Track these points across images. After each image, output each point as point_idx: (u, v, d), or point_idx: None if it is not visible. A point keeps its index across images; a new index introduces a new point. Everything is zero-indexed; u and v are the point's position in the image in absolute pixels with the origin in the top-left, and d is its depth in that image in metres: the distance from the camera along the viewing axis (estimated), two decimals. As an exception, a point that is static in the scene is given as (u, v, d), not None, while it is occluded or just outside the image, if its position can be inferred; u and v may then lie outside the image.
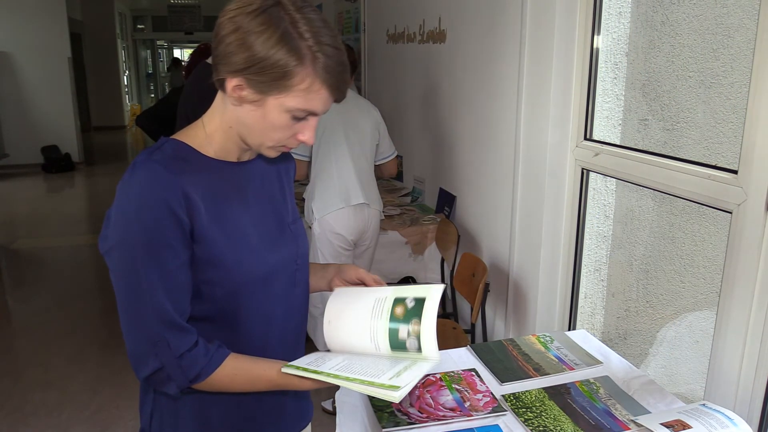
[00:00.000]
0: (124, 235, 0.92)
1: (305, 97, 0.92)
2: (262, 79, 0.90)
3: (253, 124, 0.96)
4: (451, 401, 1.37)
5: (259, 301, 1.05)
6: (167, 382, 0.96)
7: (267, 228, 1.08)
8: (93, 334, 3.66)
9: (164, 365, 0.94)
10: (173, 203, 0.92)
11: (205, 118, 1.03)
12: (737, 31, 1.49)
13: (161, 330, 0.93)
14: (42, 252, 5.26)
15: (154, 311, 0.93)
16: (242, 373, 1.00)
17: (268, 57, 0.88)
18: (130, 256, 0.92)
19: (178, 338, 0.95)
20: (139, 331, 0.94)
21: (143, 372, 0.95)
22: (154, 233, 0.91)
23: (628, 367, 1.54)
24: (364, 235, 2.66)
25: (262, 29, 0.88)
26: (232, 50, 0.90)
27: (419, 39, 3.43)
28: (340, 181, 2.57)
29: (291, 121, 0.95)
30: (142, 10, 16.23)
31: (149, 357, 0.94)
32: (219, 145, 1.02)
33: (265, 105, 0.93)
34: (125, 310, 0.95)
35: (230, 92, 0.93)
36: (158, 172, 0.92)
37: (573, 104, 2.03)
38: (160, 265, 0.92)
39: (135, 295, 0.93)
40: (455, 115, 3.01)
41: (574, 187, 2.08)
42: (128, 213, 0.91)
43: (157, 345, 0.93)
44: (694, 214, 1.67)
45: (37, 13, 8.80)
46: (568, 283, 2.18)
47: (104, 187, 8.15)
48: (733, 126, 1.51)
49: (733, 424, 1.21)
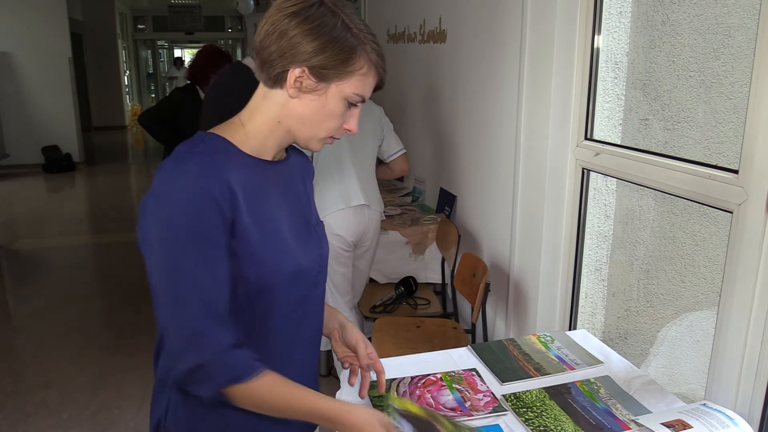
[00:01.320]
0: (168, 227, 0.90)
1: (362, 81, 0.98)
2: (328, 64, 0.95)
3: (311, 115, 0.99)
4: (451, 401, 1.37)
5: (286, 300, 1.05)
6: (206, 380, 0.93)
7: (297, 228, 1.09)
8: (93, 334, 3.66)
9: (205, 362, 0.91)
10: (218, 195, 0.91)
11: (242, 116, 1.04)
12: (738, 30, 1.49)
13: (205, 324, 0.91)
14: (42, 252, 5.26)
15: (198, 304, 0.91)
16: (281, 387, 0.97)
17: (337, 40, 0.94)
18: (174, 247, 0.90)
19: (221, 333, 0.93)
20: (181, 324, 0.91)
21: (183, 367, 0.92)
22: (199, 225, 0.90)
23: (628, 367, 1.54)
24: (364, 237, 2.66)
25: (324, 20, 0.94)
26: (298, 41, 0.94)
27: (420, 39, 3.43)
28: (340, 182, 2.57)
29: (344, 109, 1.00)
30: (143, 10, 16.24)
31: (190, 352, 0.91)
32: (259, 142, 1.02)
33: (326, 93, 0.97)
34: (167, 303, 0.92)
35: (291, 84, 0.96)
36: (204, 163, 0.93)
37: (573, 104, 2.03)
38: (204, 257, 0.91)
39: (179, 287, 0.91)
40: (456, 114, 3.01)
41: (574, 186, 2.08)
42: (173, 204, 0.90)
43: (198, 340, 0.91)
44: (695, 214, 1.67)
45: (38, 13, 8.80)
46: (568, 283, 2.17)
47: (105, 187, 8.16)
48: (733, 126, 1.51)
49: (733, 423, 1.21)
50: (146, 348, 3.40)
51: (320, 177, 2.59)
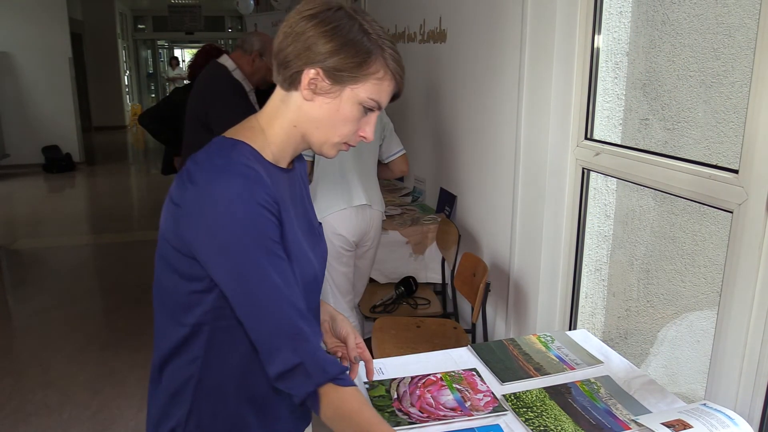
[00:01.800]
0: (234, 238, 0.90)
1: (378, 86, 0.97)
2: (343, 66, 0.94)
3: (324, 119, 0.98)
4: (451, 401, 1.37)
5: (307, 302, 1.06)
6: (304, 378, 0.93)
7: (307, 233, 1.10)
8: (94, 334, 3.66)
9: (303, 360, 0.92)
10: (270, 204, 0.93)
11: (261, 120, 1.03)
12: (738, 30, 1.49)
13: (298, 322, 0.92)
14: (43, 252, 5.26)
15: (288, 304, 0.92)
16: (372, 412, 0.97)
17: (353, 43, 0.94)
18: (247, 256, 0.90)
19: (313, 332, 0.94)
20: (276, 326, 0.92)
21: (278, 368, 0.92)
22: (263, 230, 0.91)
23: (628, 367, 1.54)
24: (365, 236, 2.66)
25: (341, 23, 0.94)
26: (313, 42, 0.94)
27: (420, 39, 3.43)
28: (342, 182, 2.57)
29: (360, 114, 0.99)
30: (143, 10, 16.23)
31: (287, 351, 0.92)
32: (278, 148, 1.02)
33: (341, 96, 0.97)
34: (257, 307, 0.92)
35: (305, 85, 0.96)
36: (250, 174, 0.92)
37: (573, 104, 2.03)
38: (277, 260, 0.92)
39: (265, 291, 0.91)
40: (456, 114, 3.01)
41: (574, 186, 2.08)
42: (232, 215, 0.89)
43: (295, 339, 0.92)
44: (695, 213, 1.67)
45: (38, 13, 8.80)
46: (568, 283, 2.17)
47: (105, 187, 8.16)
48: (733, 125, 1.51)
49: (733, 423, 1.21)
50: (146, 348, 3.40)
51: (322, 177, 2.59)
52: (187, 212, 0.92)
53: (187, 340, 1.01)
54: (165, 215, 0.98)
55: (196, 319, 0.99)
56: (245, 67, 2.82)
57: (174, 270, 0.98)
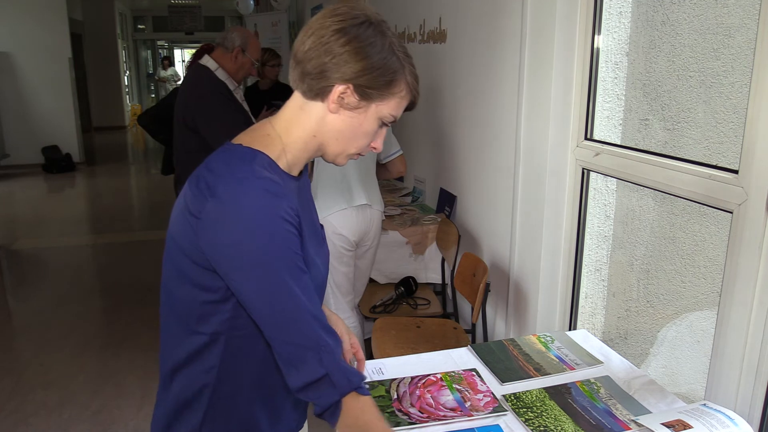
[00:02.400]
0: (258, 254, 0.90)
1: (398, 104, 1.01)
2: (372, 85, 0.96)
3: (346, 131, 1.00)
4: (451, 401, 1.37)
5: None
6: (329, 388, 0.94)
7: (313, 238, 1.10)
8: (94, 334, 3.66)
9: (329, 371, 0.93)
10: (292, 216, 0.93)
11: (278, 126, 1.03)
12: (738, 30, 1.49)
13: (322, 334, 0.93)
14: (43, 252, 5.26)
15: (312, 317, 0.93)
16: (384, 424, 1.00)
17: (383, 66, 0.96)
18: (271, 272, 0.91)
19: (335, 342, 0.95)
20: (301, 338, 0.93)
21: (304, 379, 0.93)
22: (287, 245, 0.92)
23: (628, 367, 1.54)
24: (366, 236, 2.66)
25: (374, 40, 0.96)
26: (347, 59, 0.94)
27: (420, 39, 3.43)
28: (342, 182, 2.57)
29: (377, 128, 1.02)
30: (143, 11, 16.23)
31: (313, 363, 0.93)
32: (294, 156, 1.03)
33: (366, 111, 0.99)
34: (282, 322, 0.93)
35: (334, 99, 0.97)
36: (274, 188, 0.93)
37: (573, 104, 2.03)
38: (299, 273, 0.93)
39: (290, 304, 0.92)
40: (456, 115, 3.01)
41: (574, 187, 2.08)
42: (256, 231, 0.90)
43: (321, 350, 0.93)
44: (695, 214, 1.67)
45: (38, 14, 8.80)
46: (568, 283, 2.17)
47: (105, 188, 8.16)
48: (733, 126, 1.51)
49: (733, 423, 1.21)
50: (147, 348, 3.40)
51: (322, 177, 2.59)
52: (208, 225, 0.92)
53: (203, 348, 1.01)
54: (180, 225, 0.97)
55: (212, 329, 0.99)
56: (228, 65, 2.80)
57: (189, 280, 0.97)
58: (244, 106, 2.90)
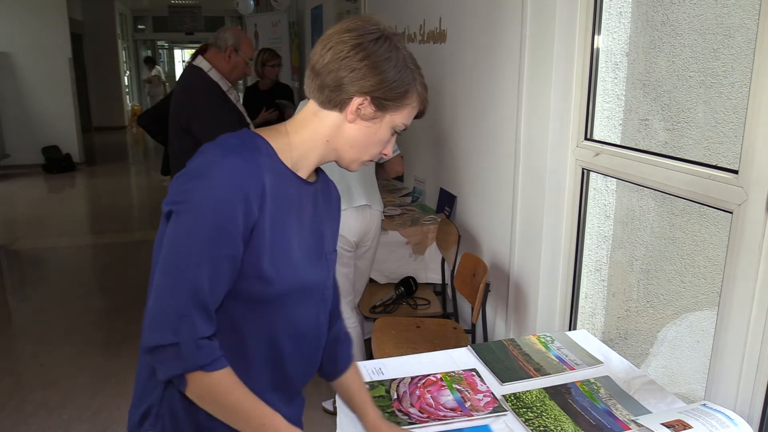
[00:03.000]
0: (197, 207, 0.93)
1: (410, 113, 1.06)
2: (389, 97, 1.02)
3: (361, 139, 1.05)
4: (451, 401, 1.37)
5: (286, 313, 1.07)
6: (174, 360, 0.95)
7: (309, 249, 1.11)
8: (94, 334, 3.66)
9: (180, 342, 0.94)
10: (252, 194, 0.95)
11: (289, 127, 1.08)
12: (738, 31, 1.49)
13: (191, 307, 0.94)
14: (43, 252, 5.26)
15: (192, 286, 0.93)
16: (242, 391, 1.00)
17: (398, 79, 1.02)
18: (195, 227, 0.93)
19: (202, 321, 0.95)
20: (170, 299, 0.94)
21: (154, 341, 0.94)
22: (224, 214, 0.93)
23: (628, 367, 1.54)
24: (366, 236, 2.66)
25: (390, 55, 1.01)
26: (364, 73, 1.00)
27: (420, 39, 3.43)
28: (342, 182, 2.57)
29: (390, 136, 1.08)
30: (143, 11, 16.23)
31: (168, 329, 0.93)
32: (300, 155, 1.06)
33: (381, 121, 1.04)
34: (165, 275, 0.95)
35: (353, 110, 1.02)
36: (250, 160, 0.96)
37: (573, 104, 2.03)
38: (216, 247, 0.94)
39: (181, 264, 0.94)
40: (456, 115, 3.01)
41: (574, 187, 2.08)
42: (211, 188, 0.93)
43: (182, 320, 0.93)
44: (695, 214, 1.67)
45: (38, 14, 8.80)
46: (568, 283, 2.18)
47: (105, 188, 8.16)
48: (733, 126, 1.51)
49: (733, 424, 1.21)
50: (146, 348, 3.40)
51: None
52: (180, 173, 0.97)
53: None
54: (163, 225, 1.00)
55: None
56: (221, 65, 2.79)
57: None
58: (238, 107, 2.90)
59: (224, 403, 0.99)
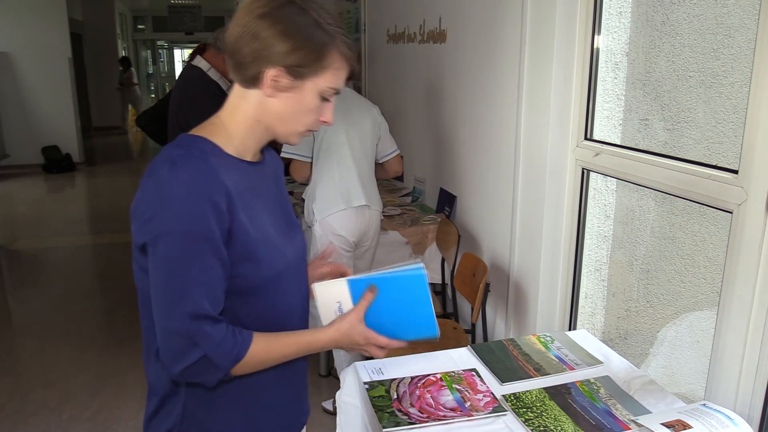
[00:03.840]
0: (169, 227, 0.92)
1: (335, 75, 1.01)
2: (302, 63, 0.97)
3: (288, 111, 1.01)
4: (451, 401, 1.37)
5: (279, 294, 1.08)
6: (210, 369, 0.96)
7: (280, 225, 1.12)
8: (94, 334, 3.66)
9: (207, 353, 0.95)
10: (217, 198, 0.93)
11: (223, 115, 1.06)
12: (738, 30, 1.49)
13: (199, 322, 0.94)
14: (43, 252, 5.26)
15: (192, 304, 0.94)
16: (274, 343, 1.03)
17: (309, 39, 0.97)
18: (173, 248, 0.93)
19: (214, 327, 0.96)
20: (176, 323, 0.94)
21: (183, 363, 0.95)
22: (198, 226, 0.92)
23: (628, 367, 1.54)
24: (365, 237, 2.66)
25: (296, 19, 0.96)
26: (271, 42, 0.96)
27: (420, 39, 3.43)
28: (341, 183, 2.57)
29: (320, 103, 1.03)
30: (143, 11, 16.22)
31: (189, 348, 0.94)
32: (239, 141, 1.04)
33: (302, 90, 1.00)
34: (163, 301, 0.95)
35: (268, 84, 0.98)
36: (203, 167, 0.94)
37: (573, 104, 2.03)
38: (201, 258, 0.93)
39: (176, 286, 0.94)
40: (456, 115, 3.01)
41: (574, 187, 2.08)
42: (173, 206, 0.92)
43: (195, 336, 0.94)
44: (695, 214, 1.67)
45: (38, 14, 8.79)
46: (568, 283, 2.18)
47: (105, 188, 8.15)
48: (733, 126, 1.51)
49: (733, 424, 1.21)
50: (146, 348, 3.40)
51: (320, 178, 2.59)
52: (137, 199, 0.96)
53: None
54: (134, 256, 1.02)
55: None
56: (220, 64, 2.79)
57: (144, 270, 1.00)
58: None
59: (270, 361, 1.04)
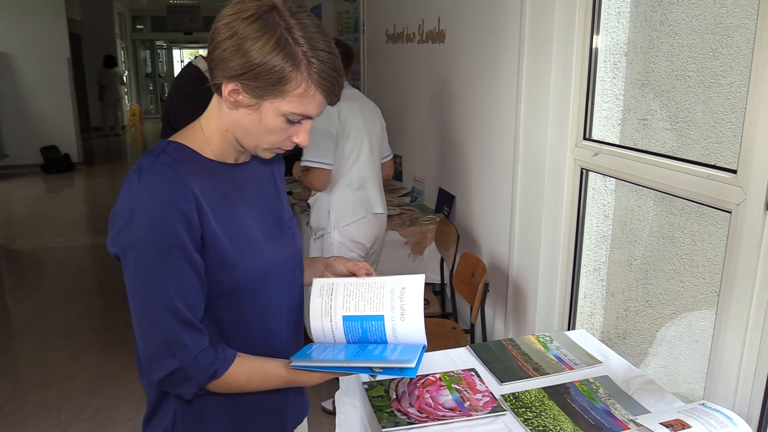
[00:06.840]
0: (137, 238, 0.92)
1: (300, 101, 0.94)
2: (258, 84, 0.92)
3: (249, 128, 0.98)
4: (450, 401, 1.37)
5: (263, 297, 1.07)
6: (185, 381, 0.97)
7: (268, 226, 1.10)
8: (93, 334, 3.66)
9: (183, 364, 0.95)
10: (184, 206, 0.92)
11: (202, 120, 1.05)
12: (736, 30, 1.49)
13: (176, 331, 0.94)
14: (42, 252, 5.26)
15: (168, 312, 0.93)
16: (257, 371, 1.02)
17: (264, 63, 0.90)
18: (143, 258, 0.92)
19: (193, 338, 0.95)
20: (154, 332, 0.94)
21: (159, 373, 0.95)
22: (166, 235, 0.91)
23: (627, 367, 1.54)
24: (377, 241, 2.67)
25: (258, 35, 0.89)
26: (228, 56, 0.91)
27: (419, 39, 3.43)
28: (360, 190, 2.54)
29: (286, 125, 0.97)
30: (142, 11, 16.21)
31: (166, 358, 0.94)
32: (217, 147, 1.03)
33: (261, 109, 0.95)
34: (139, 311, 0.96)
35: (226, 96, 0.95)
36: (168, 175, 0.93)
37: (572, 104, 2.03)
38: (172, 266, 0.93)
39: (149, 296, 0.94)
40: (455, 114, 3.01)
41: (573, 186, 2.08)
42: (140, 216, 0.91)
43: (173, 345, 0.94)
44: (694, 213, 1.67)
45: (37, 14, 8.79)
46: (567, 283, 2.18)
47: (104, 188, 8.15)
48: (732, 126, 1.51)
49: (732, 423, 1.21)
50: (145, 348, 3.40)
51: (340, 186, 2.53)
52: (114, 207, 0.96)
53: None
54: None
55: None
56: None
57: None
58: None
59: (247, 387, 1.02)
